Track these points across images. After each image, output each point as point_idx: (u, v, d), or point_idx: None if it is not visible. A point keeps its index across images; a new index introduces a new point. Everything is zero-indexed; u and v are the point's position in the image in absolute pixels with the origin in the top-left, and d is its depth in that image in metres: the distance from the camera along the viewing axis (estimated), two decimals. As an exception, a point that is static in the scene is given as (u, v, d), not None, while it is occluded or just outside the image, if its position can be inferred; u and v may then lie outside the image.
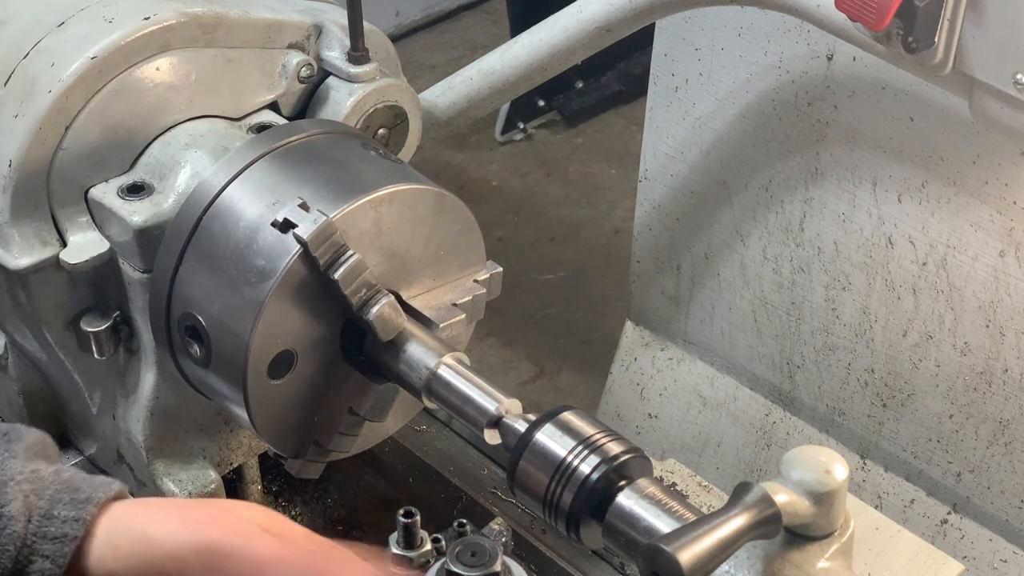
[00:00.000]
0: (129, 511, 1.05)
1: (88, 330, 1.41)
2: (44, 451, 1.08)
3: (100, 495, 1.04)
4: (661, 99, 2.03)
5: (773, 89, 1.87)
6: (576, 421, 1.15)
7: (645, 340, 2.23)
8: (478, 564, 1.09)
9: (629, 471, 1.12)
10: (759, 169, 1.94)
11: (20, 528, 1.01)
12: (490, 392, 1.24)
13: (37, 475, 1.04)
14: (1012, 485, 1.83)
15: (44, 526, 1.01)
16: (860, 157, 1.81)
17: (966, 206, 1.72)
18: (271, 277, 1.25)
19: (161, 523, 1.04)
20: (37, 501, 1.02)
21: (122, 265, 1.39)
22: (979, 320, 1.77)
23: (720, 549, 0.97)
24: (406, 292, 1.35)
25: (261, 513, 1.07)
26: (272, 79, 1.46)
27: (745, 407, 2.11)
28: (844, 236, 1.88)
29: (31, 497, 1.02)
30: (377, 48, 1.51)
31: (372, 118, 1.49)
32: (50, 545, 1.01)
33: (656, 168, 2.09)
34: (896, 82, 1.71)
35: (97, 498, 1.03)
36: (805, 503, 1.01)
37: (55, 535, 1.01)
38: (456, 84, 1.89)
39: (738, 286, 2.05)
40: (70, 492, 1.03)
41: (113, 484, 1.06)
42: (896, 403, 1.91)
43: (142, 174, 1.39)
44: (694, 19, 1.93)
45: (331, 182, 1.30)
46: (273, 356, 1.29)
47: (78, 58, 1.34)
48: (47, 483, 1.03)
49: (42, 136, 1.34)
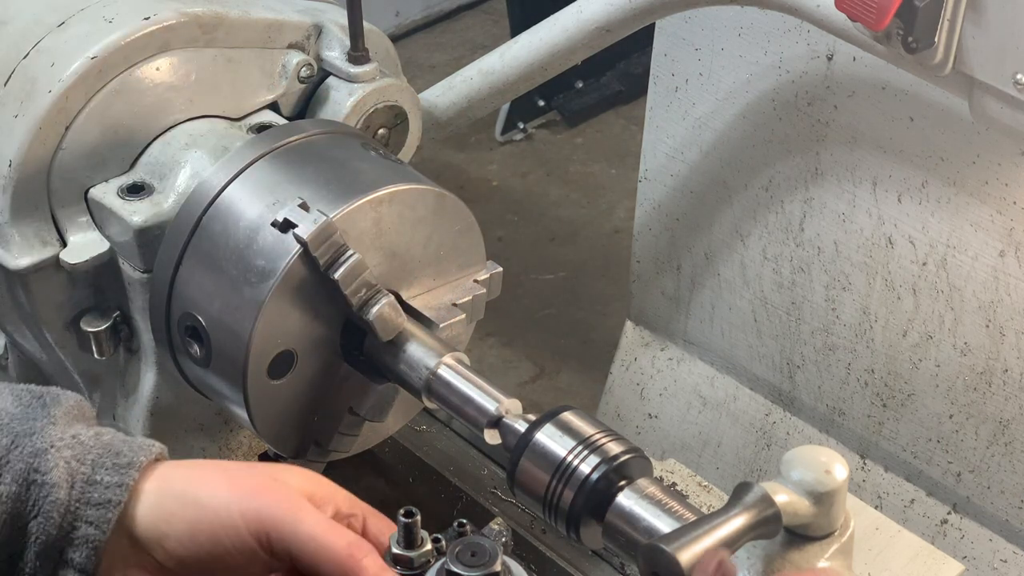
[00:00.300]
0: (176, 473, 1.04)
1: (88, 330, 1.41)
2: (82, 414, 1.06)
3: (142, 458, 1.03)
4: (661, 99, 2.03)
5: (773, 89, 1.87)
6: (576, 421, 1.15)
7: (645, 340, 2.23)
8: (478, 564, 1.08)
9: (629, 471, 1.12)
10: (759, 169, 1.94)
11: (63, 495, 0.99)
12: (490, 392, 1.24)
13: (78, 440, 1.02)
14: (1012, 485, 1.83)
15: (87, 492, 1.00)
16: (860, 157, 1.81)
17: (966, 206, 1.72)
18: (271, 277, 1.25)
19: (212, 488, 1.03)
20: (79, 467, 1.01)
21: (122, 265, 1.39)
22: (979, 320, 1.77)
23: (720, 549, 0.97)
24: (406, 292, 1.35)
25: (307, 480, 1.06)
26: (272, 79, 1.46)
27: (745, 407, 2.11)
28: (844, 236, 1.88)
29: (73, 463, 1.00)
30: (377, 48, 1.51)
31: (372, 118, 1.49)
32: (94, 511, 1.00)
33: (656, 168, 2.09)
34: (896, 82, 1.71)
35: (139, 462, 1.02)
36: (805, 503, 1.01)
37: (99, 501, 1.00)
38: (456, 84, 1.89)
39: (738, 286, 2.05)
40: (112, 456, 1.02)
41: (154, 446, 1.05)
42: (896, 403, 1.91)
43: (142, 174, 1.39)
44: (694, 19, 1.93)
45: (331, 182, 1.31)
46: (273, 356, 1.29)
47: (78, 58, 1.34)
48: (88, 448, 1.02)
49: (42, 136, 1.34)
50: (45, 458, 1.00)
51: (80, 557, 1.00)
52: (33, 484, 0.99)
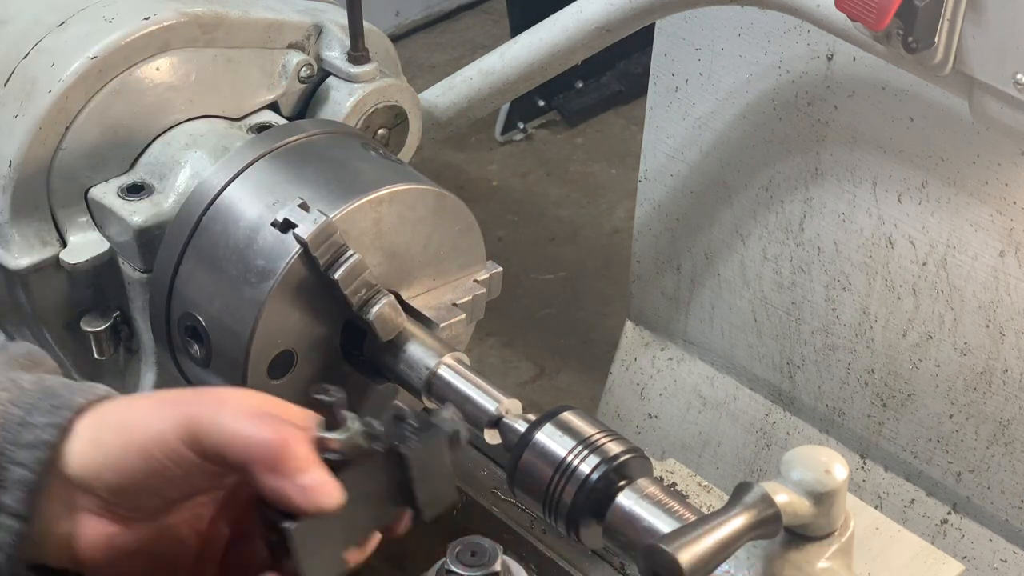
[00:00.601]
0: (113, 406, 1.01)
1: (88, 330, 1.41)
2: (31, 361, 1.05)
3: (79, 399, 1.00)
4: (661, 99, 2.03)
5: (773, 89, 1.87)
6: (576, 421, 1.15)
7: (645, 340, 2.23)
8: (478, 564, 1.08)
9: (629, 471, 1.12)
10: (759, 169, 1.94)
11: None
12: (490, 392, 1.24)
13: (16, 384, 1.00)
14: (1012, 485, 1.83)
15: (19, 434, 0.98)
16: (860, 157, 1.81)
17: (966, 206, 1.72)
18: (271, 277, 1.25)
19: (141, 408, 1.01)
20: (14, 410, 0.99)
21: (122, 265, 1.39)
22: (979, 320, 1.77)
23: (720, 549, 0.97)
24: (406, 292, 1.35)
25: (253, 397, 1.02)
26: (272, 79, 1.46)
27: (745, 407, 2.11)
28: (844, 236, 1.88)
29: (8, 406, 0.98)
30: (377, 48, 1.51)
31: (372, 118, 1.49)
32: (25, 452, 0.98)
33: (656, 168, 2.09)
34: (896, 82, 1.71)
35: (76, 403, 1.00)
36: (805, 503, 1.01)
37: (30, 442, 0.98)
38: (456, 84, 1.89)
39: (738, 286, 2.05)
40: (48, 398, 1.00)
41: (97, 388, 1.02)
42: (896, 403, 1.91)
43: (142, 174, 1.39)
44: (694, 19, 1.93)
45: (331, 182, 1.31)
46: (273, 356, 1.29)
47: (78, 58, 1.34)
48: (27, 392, 1.00)
49: (42, 136, 1.34)
50: None
51: (12, 501, 0.97)
52: None
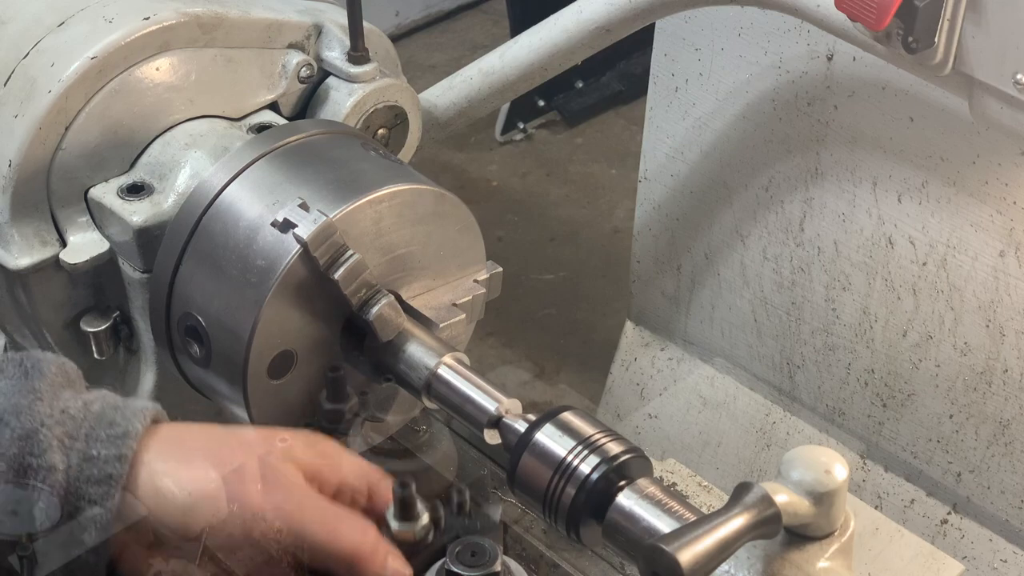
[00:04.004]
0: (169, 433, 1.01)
1: (88, 330, 1.41)
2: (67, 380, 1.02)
3: (138, 426, 0.99)
4: (661, 99, 2.03)
5: (773, 89, 1.87)
6: (576, 421, 1.15)
7: (645, 340, 2.23)
8: (478, 564, 1.08)
9: (629, 471, 1.12)
10: (759, 169, 1.94)
11: (61, 477, 0.95)
12: (490, 392, 1.24)
13: (67, 415, 0.98)
14: (1012, 485, 1.83)
15: (85, 470, 0.96)
16: (860, 157, 1.81)
17: (966, 206, 1.72)
18: (271, 277, 1.25)
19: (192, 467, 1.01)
20: (73, 444, 0.96)
21: (122, 265, 1.39)
22: (979, 320, 1.77)
23: (720, 549, 0.97)
24: (406, 292, 1.35)
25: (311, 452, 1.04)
26: (272, 79, 1.46)
27: (745, 407, 2.11)
28: (844, 236, 1.88)
29: (66, 440, 0.97)
30: (377, 48, 1.51)
31: (372, 118, 1.49)
32: (96, 488, 0.96)
33: (656, 168, 2.09)
34: (896, 82, 1.71)
35: (135, 430, 0.98)
36: (805, 503, 1.01)
37: (98, 478, 0.96)
38: (456, 84, 1.89)
39: (738, 286, 2.05)
40: (105, 427, 0.98)
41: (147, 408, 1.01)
42: (896, 403, 1.91)
43: (142, 174, 1.39)
44: (694, 19, 1.93)
45: (331, 182, 1.30)
46: (273, 356, 1.29)
47: (78, 58, 1.34)
48: (79, 421, 0.98)
49: (42, 136, 1.34)
50: (37, 440, 0.96)
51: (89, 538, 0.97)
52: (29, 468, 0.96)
